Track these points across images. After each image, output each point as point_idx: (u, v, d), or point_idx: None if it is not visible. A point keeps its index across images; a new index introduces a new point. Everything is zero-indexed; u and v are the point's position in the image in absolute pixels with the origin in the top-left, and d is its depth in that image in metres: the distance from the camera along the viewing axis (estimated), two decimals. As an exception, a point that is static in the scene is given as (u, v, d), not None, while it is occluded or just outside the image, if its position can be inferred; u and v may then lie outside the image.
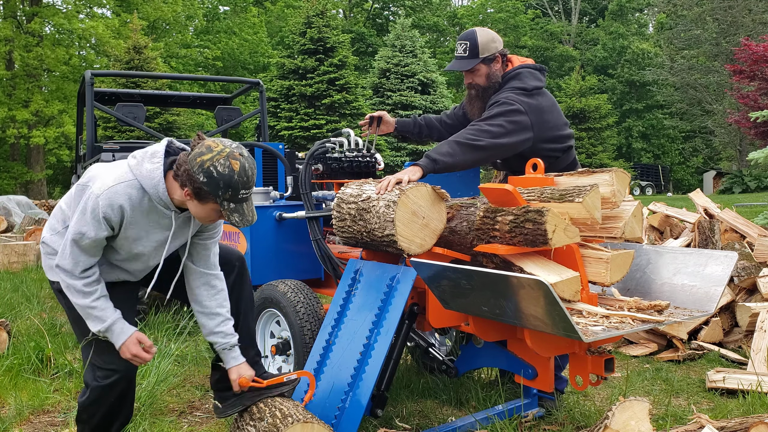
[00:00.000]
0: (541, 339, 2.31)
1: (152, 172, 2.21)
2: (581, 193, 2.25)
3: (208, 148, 2.15)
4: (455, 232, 2.54)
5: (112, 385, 2.38)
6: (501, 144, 2.78)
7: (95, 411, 2.44)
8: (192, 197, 2.18)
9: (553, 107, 3.00)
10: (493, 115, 2.82)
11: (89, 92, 5.37)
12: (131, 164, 2.25)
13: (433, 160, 2.70)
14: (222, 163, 2.12)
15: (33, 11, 24.92)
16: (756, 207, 13.03)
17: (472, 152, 2.74)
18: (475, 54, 2.99)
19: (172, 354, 3.77)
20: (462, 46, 3.03)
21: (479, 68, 3.01)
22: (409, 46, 23.26)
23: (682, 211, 6.24)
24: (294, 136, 19.84)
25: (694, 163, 39.63)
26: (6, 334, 4.16)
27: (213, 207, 2.20)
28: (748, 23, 29.02)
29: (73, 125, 23.27)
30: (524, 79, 2.98)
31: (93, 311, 2.28)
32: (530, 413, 3.00)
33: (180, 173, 2.17)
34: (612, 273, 2.30)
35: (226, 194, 2.14)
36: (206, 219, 2.28)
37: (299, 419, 2.26)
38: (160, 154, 2.25)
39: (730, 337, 4.29)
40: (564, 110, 28.08)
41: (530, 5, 44.51)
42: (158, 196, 2.22)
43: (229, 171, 2.12)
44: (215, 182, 2.11)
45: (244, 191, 2.17)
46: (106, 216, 2.18)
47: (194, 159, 2.14)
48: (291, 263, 3.64)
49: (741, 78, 18.79)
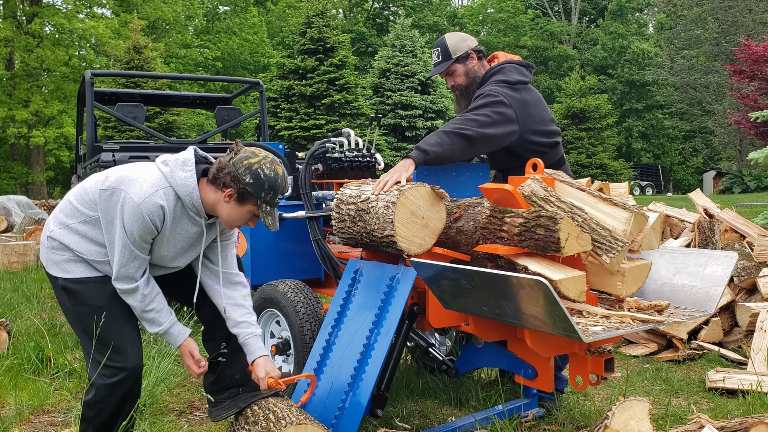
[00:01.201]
0: (541, 339, 2.31)
1: (186, 180, 2.29)
2: (612, 249, 2.16)
3: (253, 153, 2.30)
4: (462, 232, 2.52)
5: (119, 384, 2.39)
6: (488, 134, 2.80)
7: (101, 409, 2.43)
8: (232, 198, 2.28)
9: (538, 102, 3.03)
10: (478, 106, 2.87)
11: (89, 92, 5.37)
12: (165, 172, 2.30)
13: (423, 151, 2.72)
14: (268, 167, 2.28)
15: (33, 11, 24.92)
16: (756, 207, 13.03)
17: (459, 141, 2.76)
18: (448, 56, 3.10)
19: (172, 354, 3.77)
20: (435, 53, 3.15)
21: (455, 68, 3.11)
22: (409, 46, 23.26)
23: (682, 211, 6.24)
24: (294, 136, 19.84)
25: (694, 163, 39.64)
26: (6, 334, 4.16)
27: (250, 209, 2.31)
28: (748, 23, 29.01)
29: (72, 126, 23.27)
30: (508, 73, 3.02)
31: (149, 314, 2.38)
32: (530, 413, 3.00)
33: (221, 176, 2.27)
34: (627, 285, 2.25)
35: (267, 196, 2.28)
36: (237, 222, 2.36)
37: (292, 421, 2.26)
38: (191, 162, 2.33)
39: (730, 337, 4.29)
40: (564, 110, 28.07)
41: (530, 5, 44.51)
42: (192, 203, 2.30)
43: (275, 174, 2.29)
44: (261, 183, 2.25)
45: (281, 196, 2.33)
46: (151, 218, 2.24)
47: (240, 162, 2.27)
48: (291, 263, 3.64)
49: (741, 78, 18.78)
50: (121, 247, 2.27)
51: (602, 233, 2.18)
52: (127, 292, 2.34)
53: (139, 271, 2.32)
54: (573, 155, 27.17)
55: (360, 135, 3.49)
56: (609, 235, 2.18)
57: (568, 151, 27.28)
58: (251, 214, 2.33)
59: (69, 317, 2.48)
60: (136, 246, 2.27)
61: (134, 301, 2.35)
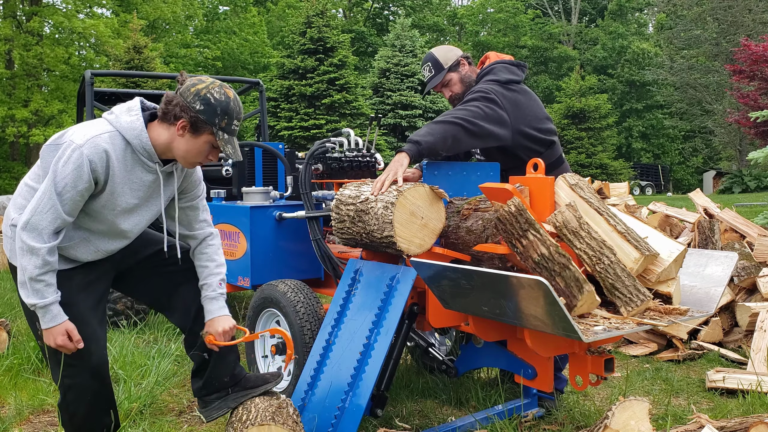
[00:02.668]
0: (541, 339, 2.31)
1: (133, 123, 2.19)
2: (631, 302, 2.10)
3: (199, 80, 2.20)
4: (471, 231, 2.51)
5: (84, 384, 2.31)
6: (480, 125, 2.78)
7: (74, 411, 2.36)
8: (186, 130, 2.17)
9: (530, 101, 3.03)
10: (469, 100, 2.88)
11: (89, 92, 5.37)
12: (109, 118, 2.20)
13: (416, 143, 2.70)
14: (218, 90, 2.17)
15: (32, 11, 24.92)
16: (756, 207, 13.03)
17: (451, 129, 2.73)
18: (440, 67, 3.12)
19: (172, 354, 3.77)
20: (426, 68, 3.17)
21: (450, 77, 3.14)
22: (409, 46, 23.25)
23: (682, 211, 6.24)
24: (294, 136, 19.83)
25: (694, 163, 39.63)
26: (6, 334, 4.16)
27: (207, 139, 2.20)
28: (748, 23, 29.00)
29: (72, 125, 23.23)
30: (498, 73, 3.03)
31: (39, 284, 2.12)
32: (530, 413, 3.00)
33: (170, 108, 2.17)
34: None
35: (222, 122, 2.17)
36: (196, 157, 2.24)
37: (254, 423, 2.27)
38: (137, 107, 2.23)
39: (730, 337, 4.29)
40: (564, 110, 28.06)
41: (530, 5, 44.48)
42: (142, 146, 2.19)
43: (225, 98, 2.17)
44: (213, 109, 2.15)
45: (237, 122, 2.21)
46: (92, 165, 2.09)
47: (187, 90, 2.16)
48: (291, 263, 3.64)
49: (741, 78, 18.80)
50: (43, 191, 2.09)
51: (626, 282, 2.14)
52: (29, 251, 2.09)
53: (50, 227, 2.10)
54: (573, 155, 27.16)
55: (360, 135, 3.49)
56: (632, 286, 2.13)
57: (568, 151, 27.27)
58: (209, 145, 2.21)
59: (28, 314, 2.30)
60: (61, 196, 2.07)
61: (31, 263, 2.09)
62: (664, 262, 2.22)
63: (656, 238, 2.30)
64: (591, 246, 2.17)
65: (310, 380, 2.67)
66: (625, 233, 2.22)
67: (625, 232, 2.22)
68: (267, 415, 2.33)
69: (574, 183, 2.37)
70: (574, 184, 2.36)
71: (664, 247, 2.26)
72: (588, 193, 2.35)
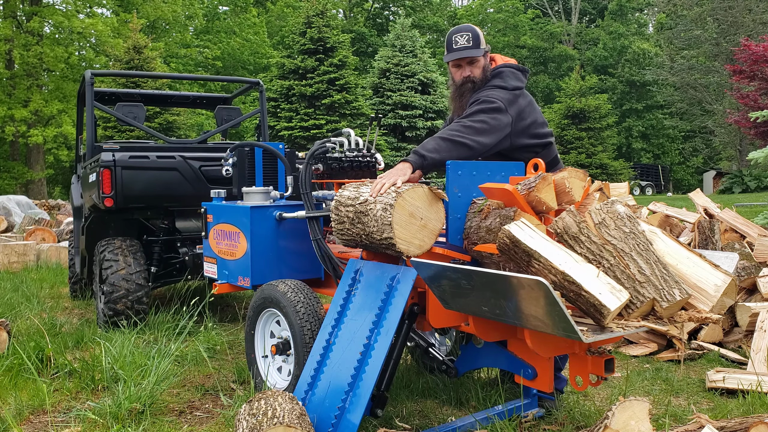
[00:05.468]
0: (541, 339, 2.31)
1: None
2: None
3: None
4: (491, 230, 2.48)
5: None
6: (483, 143, 2.83)
7: None
8: None
9: (532, 108, 3.07)
10: (475, 112, 2.88)
11: (89, 92, 5.37)
12: None
13: (421, 156, 2.72)
14: None
15: (32, 11, 24.94)
16: (756, 207, 13.03)
17: (456, 149, 2.77)
18: (478, 45, 3.06)
19: (172, 354, 3.77)
20: (464, 37, 3.05)
21: (479, 60, 3.08)
22: (409, 46, 23.24)
23: (682, 211, 6.24)
24: (294, 136, 19.83)
25: (694, 163, 39.64)
26: (6, 334, 4.15)
27: None
28: (748, 23, 29.01)
29: (72, 125, 23.27)
30: (506, 78, 3.05)
31: None
32: (530, 413, 3.00)
33: None
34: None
35: None
36: None
37: (283, 422, 2.27)
38: None
39: (730, 337, 4.29)
40: (563, 110, 28.08)
41: (530, 5, 44.51)
42: None
43: None
44: None
45: None
46: None
47: None
48: (291, 263, 3.64)
49: (741, 78, 18.80)
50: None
51: (625, 285, 2.12)
52: None
53: None
54: (573, 155, 27.16)
55: (360, 135, 3.49)
56: (632, 287, 2.12)
57: (568, 151, 27.28)
58: None
59: None
60: None
61: None
62: (711, 298, 2.18)
63: (699, 266, 2.26)
64: (591, 250, 2.18)
65: (310, 380, 2.67)
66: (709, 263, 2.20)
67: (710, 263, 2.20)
68: (294, 417, 2.34)
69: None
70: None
71: (709, 278, 2.22)
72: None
